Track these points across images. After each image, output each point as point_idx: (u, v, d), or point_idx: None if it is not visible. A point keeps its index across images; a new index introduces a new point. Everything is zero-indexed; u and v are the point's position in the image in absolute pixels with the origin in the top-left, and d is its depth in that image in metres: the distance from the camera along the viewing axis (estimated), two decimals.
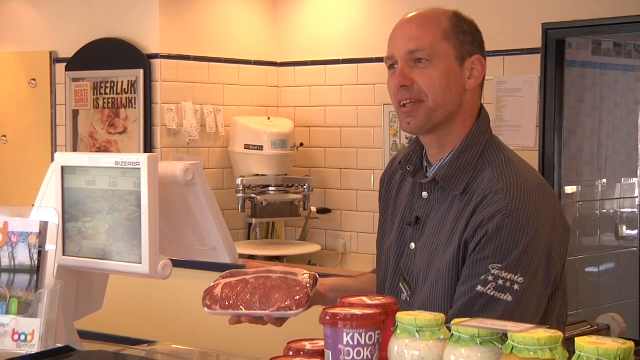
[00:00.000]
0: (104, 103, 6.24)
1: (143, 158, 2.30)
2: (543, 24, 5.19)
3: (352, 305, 1.79)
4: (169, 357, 2.47)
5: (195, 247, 2.51)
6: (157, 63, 6.02)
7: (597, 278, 5.92)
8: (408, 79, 2.21)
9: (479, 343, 1.54)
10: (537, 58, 5.24)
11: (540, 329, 1.50)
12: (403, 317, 1.63)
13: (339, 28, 6.34)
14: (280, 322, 2.26)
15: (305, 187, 6.14)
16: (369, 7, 6.19)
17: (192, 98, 6.12)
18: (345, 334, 1.68)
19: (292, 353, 1.80)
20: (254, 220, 6.21)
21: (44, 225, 2.36)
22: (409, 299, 2.25)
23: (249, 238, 6.44)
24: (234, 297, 2.23)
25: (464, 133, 2.24)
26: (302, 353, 1.79)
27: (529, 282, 2.07)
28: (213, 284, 2.29)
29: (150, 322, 4.71)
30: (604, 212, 5.87)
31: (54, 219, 2.36)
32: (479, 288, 2.06)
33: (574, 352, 1.44)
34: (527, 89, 5.35)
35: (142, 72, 6.03)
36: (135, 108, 6.07)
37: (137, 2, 6.13)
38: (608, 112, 5.81)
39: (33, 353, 2.26)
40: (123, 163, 2.32)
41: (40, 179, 2.55)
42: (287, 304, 2.19)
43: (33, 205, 2.48)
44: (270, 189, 6.06)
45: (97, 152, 6.18)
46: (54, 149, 6.53)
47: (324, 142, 6.43)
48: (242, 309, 2.22)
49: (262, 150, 6.00)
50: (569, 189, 5.53)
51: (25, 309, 2.31)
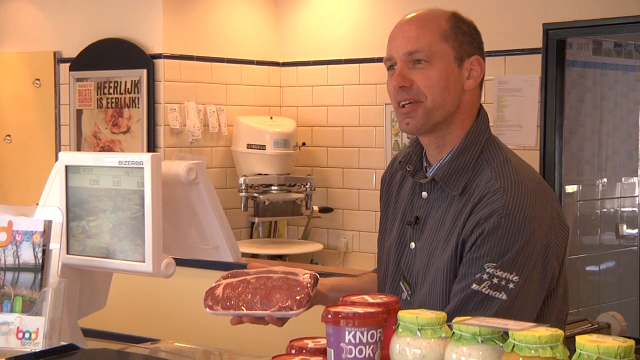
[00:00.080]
0: (108, 103, 6.24)
1: (146, 157, 2.29)
2: (544, 24, 5.19)
3: (354, 304, 1.79)
4: (172, 355, 2.47)
5: (198, 245, 2.50)
6: (160, 63, 6.02)
7: (597, 277, 5.91)
8: (407, 80, 2.21)
9: (480, 341, 1.55)
10: (538, 58, 5.24)
11: (541, 327, 1.51)
12: (405, 315, 1.64)
13: (341, 28, 6.34)
14: (282, 322, 2.26)
15: (308, 186, 6.13)
16: (371, 7, 6.19)
17: (195, 98, 6.12)
18: (347, 332, 1.68)
19: (294, 351, 1.81)
20: (257, 219, 6.21)
21: (48, 224, 2.37)
22: (409, 298, 2.25)
23: (252, 237, 6.43)
24: (235, 297, 2.24)
25: (463, 133, 2.25)
26: (304, 351, 1.80)
27: (525, 281, 2.08)
28: (214, 285, 2.30)
29: (154, 320, 4.72)
30: (605, 211, 5.86)
31: (58, 218, 2.37)
32: (474, 286, 2.07)
33: (575, 350, 1.45)
34: (528, 89, 5.35)
35: (145, 72, 6.03)
36: (139, 108, 6.07)
37: (140, 2, 6.14)
38: (608, 111, 5.81)
39: (37, 351, 2.26)
40: (126, 162, 2.32)
41: (44, 178, 2.55)
42: (288, 304, 2.19)
43: (37, 204, 2.48)
44: (273, 188, 6.06)
45: (100, 151, 6.19)
46: (58, 149, 6.52)
47: (326, 141, 6.43)
48: (243, 309, 2.23)
49: (264, 150, 5.99)
50: (570, 188, 5.53)
51: (30, 307, 2.32)
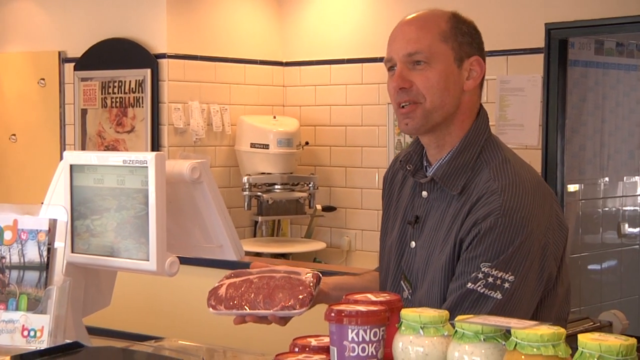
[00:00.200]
0: (112, 102, 6.26)
1: (150, 156, 2.30)
2: (546, 24, 5.19)
3: (357, 302, 1.80)
4: (176, 353, 2.47)
5: (202, 244, 2.50)
6: (164, 63, 6.03)
7: (599, 275, 5.90)
8: (406, 81, 2.22)
9: (483, 339, 1.56)
10: (540, 57, 5.24)
11: (544, 326, 1.52)
12: (407, 313, 1.65)
13: (344, 28, 6.34)
14: (284, 321, 2.27)
15: (311, 185, 6.14)
16: (374, 7, 6.19)
17: (198, 97, 6.13)
18: (350, 331, 1.69)
19: (297, 349, 1.82)
20: (260, 218, 6.21)
21: (53, 223, 2.38)
22: (410, 297, 2.25)
23: (255, 236, 6.44)
24: (238, 297, 2.25)
25: (463, 133, 2.25)
26: (307, 349, 1.81)
27: (521, 280, 2.08)
28: (217, 284, 2.31)
29: (158, 318, 4.73)
30: (606, 210, 5.86)
31: (63, 217, 2.38)
32: (469, 285, 2.08)
33: (577, 348, 1.45)
34: (530, 88, 5.35)
35: (149, 71, 6.04)
36: (143, 107, 6.08)
37: (144, 2, 6.15)
38: (610, 111, 5.80)
39: (42, 349, 2.27)
40: (131, 161, 2.33)
41: (49, 177, 2.55)
42: (290, 303, 2.20)
43: (42, 203, 2.49)
44: (276, 187, 6.07)
45: (105, 150, 6.20)
46: (63, 148, 6.53)
47: (329, 140, 6.44)
48: (246, 309, 2.23)
49: (267, 149, 6.00)
50: (572, 187, 5.52)
51: (35, 306, 2.32)
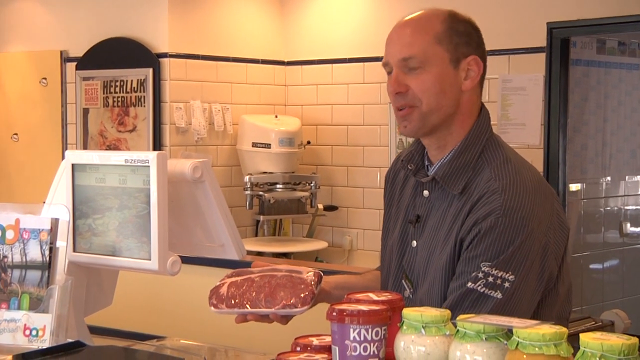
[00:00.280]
0: (114, 101, 6.26)
1: (152, 156, 2.30)
2: (548, 23, 5.18)
3: (358, 301, 1.80)
4: (178, 352, 2.48)
5: (204, 243, 2.51)
6: (166, 62, 6.03)
7: (601, 275, 5.90)
8: (402, 86, 2.22)
9: (485, 339, 1.56)
10: (541, 57, 5.24)
11: (545, 325, 1.52)
12: (409, 313, 1.65)
13: (346, 27, 6.34)
14: (286, 319, 2.27)
15: (312, 184, 6.14)
16: (376, 6, 6.19)
17: (200, 96, 6.13)
18: (352, 330, 1.69)
19: (299, 348, 1.81)
20: (262, 217, 6.22)
21: (55, 222, 2.38)
22: (411, 296, 2.26)
23: (257, 235, 6.44)
24: (240, 295, 2.25)
25: (464, 133, 2.25)
26: (309, 348, 1.80)
27: (521, 280, 2.08)
28: (219, 283, 2.31)
29: (160, 317, 4.73)
30: (608, 209, 5.85)
31: (65, 216, 2.38)
32: (470, 284, 2.08)
33: (579, 348, 1.45)
34: (531, 88, 5.35)
35: (151, 71, 6.04)
36: (145, 106, 6.09)
37: (146, 2, 6.15)
38: (612, 110, 5.79)
39: (44, 348, 2.27)
40: (132, 161, 2.33)
41: (51, 177, 2.56)
42: (292, 302, 2.20)
43: (44, 203, 2.49)
44: (278, 187, 6.07)
45: (106, 149, 6.20)
46: (65, 147, 6.53)
47: (331, 140, 6.44)
48: (247, 308, 2.24)
49: (269, 148, 6.00)
50: (574, 187, 5.51)
51: (37, 305, 2.33)
